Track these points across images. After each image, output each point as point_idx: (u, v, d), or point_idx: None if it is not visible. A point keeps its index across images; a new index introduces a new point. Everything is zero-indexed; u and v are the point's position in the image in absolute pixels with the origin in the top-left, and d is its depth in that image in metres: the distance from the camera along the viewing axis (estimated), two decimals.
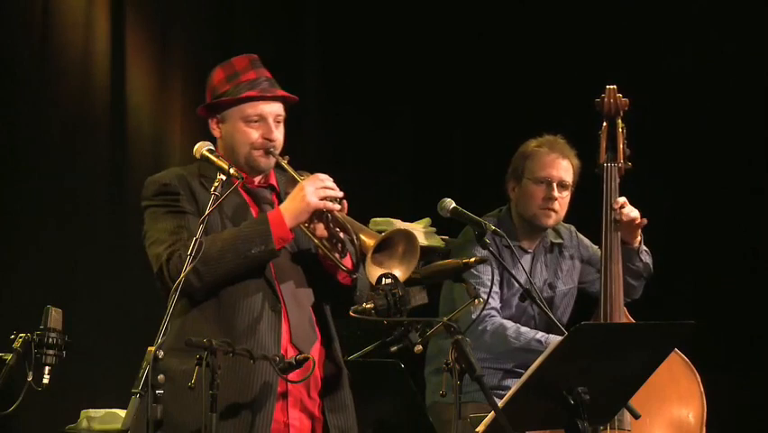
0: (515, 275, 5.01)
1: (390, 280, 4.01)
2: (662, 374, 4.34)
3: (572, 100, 6.04)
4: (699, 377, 5.16)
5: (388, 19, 7.74)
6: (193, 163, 4.37)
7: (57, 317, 4.48)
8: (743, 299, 7.15)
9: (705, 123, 7.28)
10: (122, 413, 5.29)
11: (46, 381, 4.42)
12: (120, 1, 7.03)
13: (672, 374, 5.07)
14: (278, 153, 4.33)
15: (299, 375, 4.08)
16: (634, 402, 4.44)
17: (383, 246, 4.10)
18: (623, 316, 5.21)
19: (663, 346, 4.28)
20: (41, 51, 6.81)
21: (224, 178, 4.10)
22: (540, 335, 5.31)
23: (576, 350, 4.02)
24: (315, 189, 4.18)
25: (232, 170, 4.13)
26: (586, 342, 4.04)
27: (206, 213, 4.04)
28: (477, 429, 4.05)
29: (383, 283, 4.00)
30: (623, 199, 5.32)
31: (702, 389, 5.15)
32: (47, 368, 4.42)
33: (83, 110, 6.89)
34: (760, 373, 7.12)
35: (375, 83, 7.65)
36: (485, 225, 4.72)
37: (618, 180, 5.36)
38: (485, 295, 4.55)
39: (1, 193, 6.60)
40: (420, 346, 4.02)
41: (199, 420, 3.92)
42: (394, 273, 4.09)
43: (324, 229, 4.23)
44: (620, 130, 5.37)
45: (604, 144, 5.38)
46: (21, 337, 4.43)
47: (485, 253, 4.81)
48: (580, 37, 7.49)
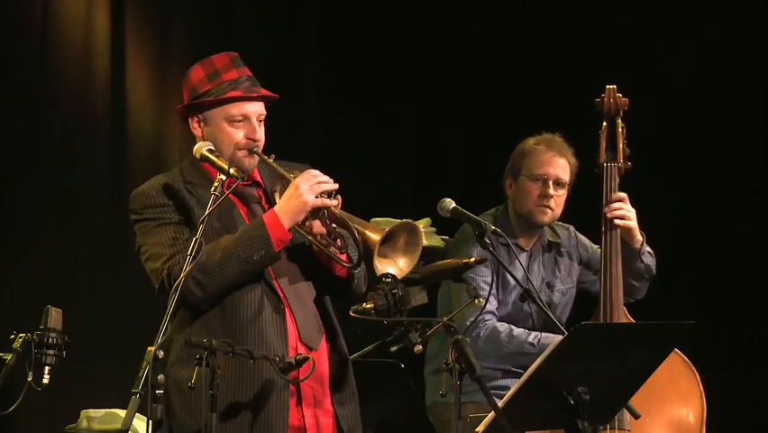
0: (512, 273, 5.00)
1: (390, 279, 4.01)
2: (662, 374, 4.34)
3: (572, 100, 6.03)
4: (698, 377, 5.16)
5: (388, 19, 7.73)
6: (175, 168, 4.36)
7: (57, 317, 4.48)
8: (743, 299, 7.15)
9: (705, 123, 7.28)
10: (122, 413, 5.28)
11: (46, 381, 4.42)
12: (120, 1, 7.03)
13: (672, 374, 5.07)
14: (261, 152, 4.29)
15: (302, 375, 4.08)
16: (634, 402, 4.44)
17: (386, 239, 4.10)
18: (623, 316, 5.20)
19: (663, 346, 4.28)
20: (40, 51, 6.80)
21: (224, 178, 4.09)
22: (533, 336, 5.30)
23: (576, 350, 4.01)
24: (311, 187, 4.13)
25: (232, 170, 4.11)
26: (586, 342, 4.04)
27: (206, 213, 4.02)
28: (477, 429, 4.05)
29: (383, 283, 4.00)
30: (622, 195, 5.31)
31: (702, 389, 5.14)
32: (47, 368, 4.42)
33: (83, 110, 6.89)
34: (760, 373, 7.12)
35: (375, 83, 7.65)
36: (485, 224, 4.72)
37: (618, 180, 5.35)
38: (485, 295, 4.56)
39: (1, 193, 6.59)
40: (420, 346, 4.03)
41: (199, 421, 3.93)
42: (399, 264, 4.10)
43: (321, 226, 4.19)
44: (620, 130, 5.37)
45: (604, 144, 5.37)
46: (21, 337, 4.43)
47: (484, 253, 4.80)
48: (579, 37, 7.49)
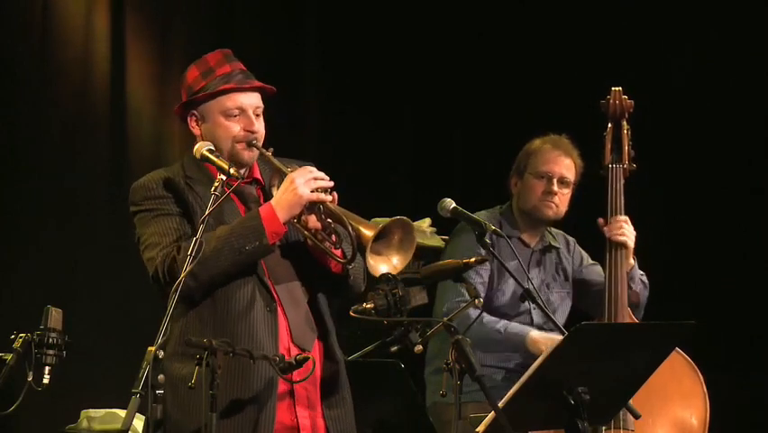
0: (511, 270, 4.99)
1: (390, 280, 4.01)
2: (665, 374, 4.34)
3: (572, 100, 6.04)
4: (702, 377, 5.16)
5: (388, 19, 7.73)
6: (175, 163, 4.36)
7: (57, 317, 4.48)
8: (743, 299, 7.15)
9: (705, 122, 7.28)
10: (122, 413, 5.29)
11: (46, 381, 4.42)
12: (120, 1, 7.03)
13: (675, 374, 5.07)
14: (260, 145, 4.28)
15: (300, 375, 4.08)
16: (637, 402, 4.44)
17: (380, 236, 4.09)
18: (626, 316, 5.21)
19: (664, 346, 4.28)
20: (41, 51, 6.80)
21: (224, 178, 4.09)
22: (501, 324, 5.29)
23: (576, 350, 4.01)
24: (306, 181, 4.13)
25: (232, 170, 4.11)
26: (586, 342, 4.04)
27: (206, 213, 4.01)
28: (477, 429, 4.05)
29: (383, 283, 3.99)
30: (624, 217, 5.30)
31: (705, 389, 5.15)
32: (47, 368, 4.42)
33: (83, 110, 6.89)
34: (760, 373, 7.12)
35: (375, 83, 7.64)
36: (485, 225, 4.72)
37: (623, 182, 5.35)
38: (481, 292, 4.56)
39: (1, 193, 6.59)
40: (420, 346, 4.02)
41: (201, 424, 3.92)
42: (393, 261, 4.09)
43: (316, 221, 4.19)
44: (625, 132, 5.36)
45: (609, 146, 5.37)
46: (21, 337, 4.42)
47: (485, 253, 4.80)
48: (579, 37, 7.49)
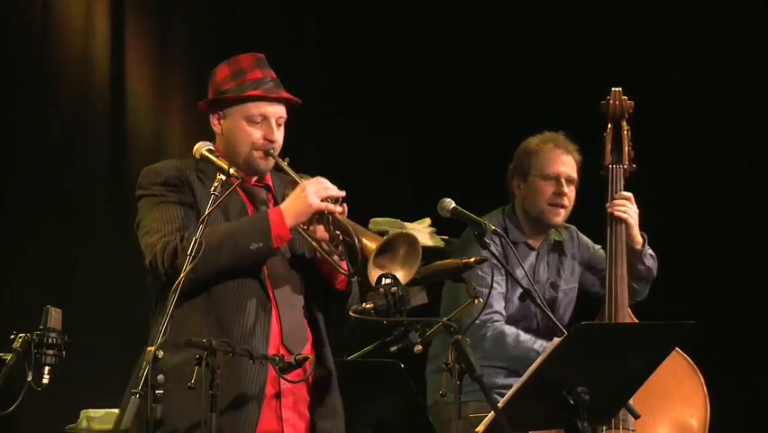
0: (516, 274, 5.00)
1: (390, 280, 4.01)
2: (665, 374, 4.35)
3: (572, 100, 6.04)
4: (702, 378, 5.16)
5: (389, 19, 7.73)
6: (189, 157, 4.36)
7: (57, 317, 4.48)
8: (743, 299, 7.15)
9: (705, 122, 7.28)
10: None
11: (46, 381, 4.42)
12: (120, 1, 7.03)
13: (676, 374, 5.07)
14: (277, 155, 4.30)
15: (296, 376, 4.08)
16: (637, 402, 4.44)
17: (385, 249, 4.09)
18: (627, 316, 5.20)
19: (664, 346, 4.28)
20: (40, 51, 6.80)
21: (224, 178, 4.10)
22: (538, 345, 5.28)
23: (576, 350, 4.02)
24: (317, 190, 4.15)
25: (231, 170, 4.11)
26: (586, 342, 4.04)
27: (206, 213, 4.02)
28: (477, 429, 4.05)
29: (383, 283, 3.99)
30: (628, 194, 5.31)
31: (706, 390, 5.14)
32: (47, 368, 4.41)
33: (83, 110, 6.89)
34: (760, 373, 7.12)
35: (375, 83, 7.64)
36: (485, 225, 4.72)
37: (623, 182, 5.35)
38: (485, 296, 4.55)
39: (1, 193, 6.59)
40: (420, 346, 4.02)
41: (187, 416, 3.96)
42: (396, 275, 4.08)
43: (324, 231, 4.20)
44: (625, 132, 5.36)
45: (609, 146, 5.37)
46: (21, 337, 4.42)
47: (485, 253, 4.80)
48: (579, 37, 7.49)
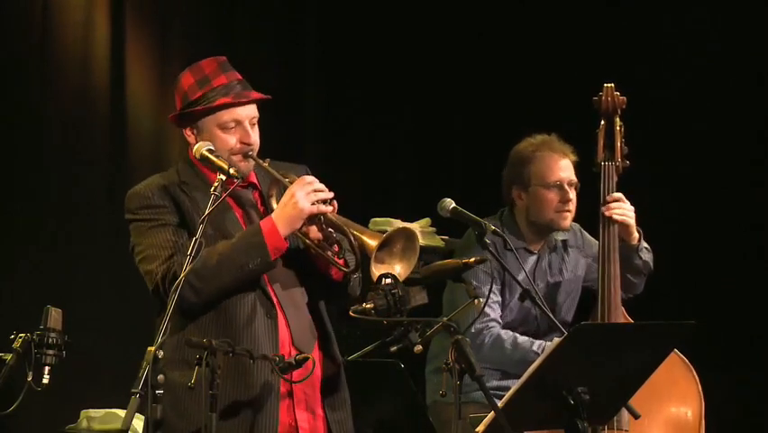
0: (516, 277, 4.99)
1: (390, 280, 4.01)
2: (660, 375, 4.34)
3: (572, 100, 6.03)
4: (697, 378, 5.16)
5: (389, 19, 7.73)
6: (171, 168, 4.35)
7: (57, 317, 4.48)
8: (743, 299, 7.15)
9: (705, 122, 7.28)
10: (122, 413, 5.28)
11: (46, 381, 4.42)
12: (120, 1, 7.03)
13: (671, 375, 5.06)
14: (255, 155, 4.28)
15: (300, 375, 4.08)
16: (632, 402, 4.44)
17: (383, 245, 4.09)
18: (620, 316, 5.20)
19: (663, 346, 4.29)
20: (40, 51, 6.80)
21: (224, 178, 4.09)
22: (537, 345, 5.28)
23: (576, 350, 4.02)
24: (306, 194, 4.12)
25: (231, 170, 4.11)
26: (586, 342, 4.04)
27: (206, 213, 4.01)
28: (477, 429, 4.05)
29: (383, 283, 3.99)
30: (618, 195, 5.31)
31: (701, 389, 5.14)
32: (47, 368, 4.42)
33: (83, 110, 6.89)
34: (760, 373, 7.12)
35: (375, 82, 7.64)
36: (485, 225, 4.72)
37: (616, 179, 5.35)
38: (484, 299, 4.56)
39: (1, 193, 6.59)
40: (420, 346, 4.02)
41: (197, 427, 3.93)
42: (396, 270, 4.09)
43: (318, 231, 4.19)
44: (618, 128, 5.36)
45: (602, 143, 5.36)
46: (21, 337, 4.43)
47: (485, 254, 4.80)
48: (579, 37, 7.49)
